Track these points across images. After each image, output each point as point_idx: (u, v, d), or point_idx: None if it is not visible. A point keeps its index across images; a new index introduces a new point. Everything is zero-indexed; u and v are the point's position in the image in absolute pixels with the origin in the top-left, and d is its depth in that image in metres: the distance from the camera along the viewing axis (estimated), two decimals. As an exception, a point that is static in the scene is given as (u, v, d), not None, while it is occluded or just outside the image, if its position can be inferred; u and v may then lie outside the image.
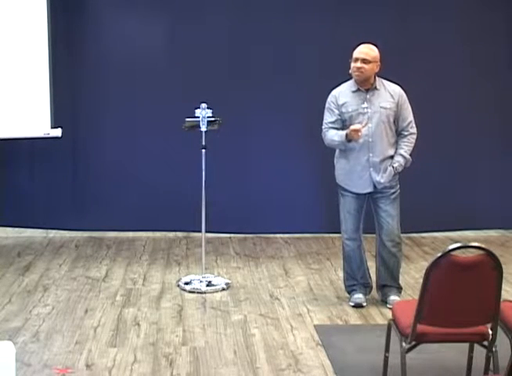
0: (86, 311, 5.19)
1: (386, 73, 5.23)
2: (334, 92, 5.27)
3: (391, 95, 5.18)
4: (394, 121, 5.19)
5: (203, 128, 5.72)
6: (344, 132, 5.10)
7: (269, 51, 7.11)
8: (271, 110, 7.16)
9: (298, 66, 7.12)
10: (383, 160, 5.17)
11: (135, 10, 7.16)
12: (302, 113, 7.10)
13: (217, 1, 7.15)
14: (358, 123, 5.09)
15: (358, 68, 5.09)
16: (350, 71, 5.14)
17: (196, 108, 5.71)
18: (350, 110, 5.15)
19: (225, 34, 7.11)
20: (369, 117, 5.13)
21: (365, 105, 5.14)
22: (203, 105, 5.69)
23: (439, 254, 3.44)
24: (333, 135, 5.17)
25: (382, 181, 5.17)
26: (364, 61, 5.07)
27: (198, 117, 5.70)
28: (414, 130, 5.25)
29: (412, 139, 5.23)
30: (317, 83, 6.90)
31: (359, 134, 5.02)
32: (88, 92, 7.17)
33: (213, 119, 5.74)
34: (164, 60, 7.17)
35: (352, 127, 5.02)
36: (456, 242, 3.58)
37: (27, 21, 6.36)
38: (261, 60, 7.13)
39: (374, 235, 5.40)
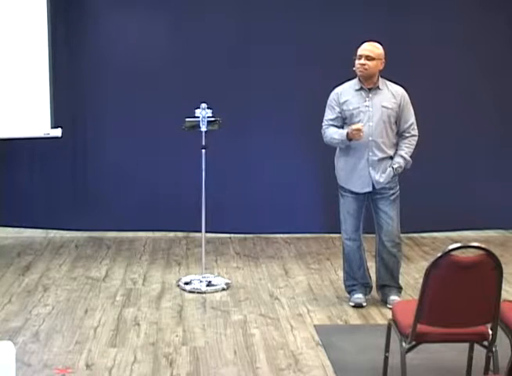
0: (86, 311, 5.19)
1: (386, 72, 5.23)
2: (337, 90, 5.26)
3: (394, 96, 5.18)
4: (395, 122, 5.19)
5: (203, 128, 5.72)
6: (344, 131, 5.09)
7: (269, 51, 7.10)
8: (271, 110, 7.17)
9: (298, 66, 7.11)
10: (382, 160, 5.17)
11: (135, 10, 7.16)
12: (302, 113, 7.11)
13: (217, 1, 7.15)
14: (359, 121, 5.09)
15: (362, 65, 5.08)
16: (354, 68, 5.14)
17: (196, 108, 5.71)
18: (351, 108, 5.15)
19: (226, 33, 7.11)
20: (370, 116, 5.13)
21: (367, 103, 5.14)
22: (203, 105, 5.69)
23: (439, 254, 3.44)
24: (332, 134, 5.16)
25: (381, 181, 5.17)
26: (368, 58, 5.08)
27: (198, 117, 5.71)
28: (415, 132, 5.24)
29: (414, 141, 5.23)
30: (317, 83, 6.89)
31: (361, 134, 5.02)
32: (88, 92, 7.17)
33: (213, 119, 5.74)
34: (164, 60, 7.17)
35: (354, 126, 5.02)
36: (456, 242, 3.57)
37: (27, 21, 6.36)
38: (261, 60, 7.13)
39: (374, 235, 5.40)
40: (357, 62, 5.11)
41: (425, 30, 7.18)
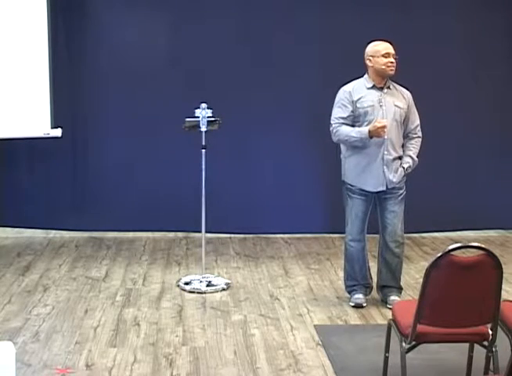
0: (86, 311, 5.19)
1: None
2: (347, 88, 5.21)
3: (403, 97, 5.20)
4: (403, 122, 5.19)
5: (203, 128, 5.72)
6: (365, 129, 5.03)
7: (270, 50, 7.11)
8: (271, 110, 7.16)
9: (299, 65, 7.12)
10: (395, 159, 5.16)
11: (135, 10, 7.16)
12: (302, 113, 7.11)
13: (217, 2, 7.15)
14: (372, 119, 5.05)
15: (392, 63, 5.08)
16: (371, 65, 5.09)
17: (196, 108, 5.71)
18: (366, 105, 5.11)
19: (226, 33, 7.10)
20: (384, 114, 5.10)
21: (381, 102, 5.12)
22: (203, 105, 5.69)
23: (439, 254, 3.44)
24: (349, 132, 5.09)
25: (394, 180, 5.16)
26: (393, 56, 5.10)
27: (198, 117, 5.71)
28: (420, 134, 5.26)
29: (419, 142, 5.25)
30: (318, 83, 6.92)
31: (385, 130, 5.00)
32: (88, 92, 7.17)
33: (213, 119, 5.74)
34: (164, 60, 7.17)
35: (379, 124, 4.96)
36: (456, 242, 3.58)
37: (27, 21, 6.36)
38: (261, 60, 7.13)
39: (374, 235, 5.40)
40: (385, 60, 5.07)
41: (425, 29, 7.18)
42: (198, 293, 5.60)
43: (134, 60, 7.13)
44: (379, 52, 5.10)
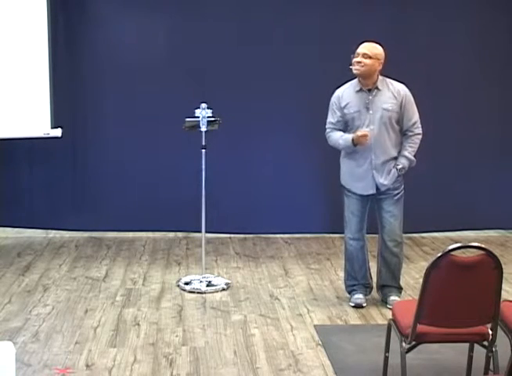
0: (86, 311, 5.19)
1: (388, 72, 5.21)
2: (338, 92, 5.23)
3: (394, 96, 5.13)
4: (398, 122, 5.16)
5: (203, 128, 5.72)
6: (349, 137, 5.06)
7: (270, 50, 7.10)
8: (271, 109, 7.16)
9: (299, 65, 7.12)
10: (385, 162, 5.15)
11: (135, 10, 7.16)
12: (302, 113, 7.11)
13: (217, 1, 7.15)
14: (359, 125, 5.07)
15: (358, 62, 5.03)
16: (350, 67, 5.10)
17: (196, 108, 5.71)
18: (352, 111, 5.12)
19: (226, 33, 7.10)
20: (371, 119, 5.10)
21: (368, 106, 5.11)
22: (203, 105, 5.69)
23: (439, 254, 3.44)
24: (337, 139, 5.14)
25: (385, 183, 5.15)
26: (364, 56, 5.03)
27: (198, 117, 5.71)
28: (419, 130, 5.20)
29: (417, 139, 5.19)
30: (318, 82, 6.91)
31: (367, 139, 5.01)
32: (88, 92, 7.17)
33: (213, 119, 5.74)
34: (164, 60, 7.17)
35: (360, 133, 4.99)
36: (456, 242, 3.58)
37: (27, 21, 6.36)
38: (261, 60, 7.13)
39: (375, 235, 5.40)
40: (353, 60, 5.08)
41: (425, 29, 7.18)
42: (198, 293, 5.60)
43: (134, 60, 7.12)
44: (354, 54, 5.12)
